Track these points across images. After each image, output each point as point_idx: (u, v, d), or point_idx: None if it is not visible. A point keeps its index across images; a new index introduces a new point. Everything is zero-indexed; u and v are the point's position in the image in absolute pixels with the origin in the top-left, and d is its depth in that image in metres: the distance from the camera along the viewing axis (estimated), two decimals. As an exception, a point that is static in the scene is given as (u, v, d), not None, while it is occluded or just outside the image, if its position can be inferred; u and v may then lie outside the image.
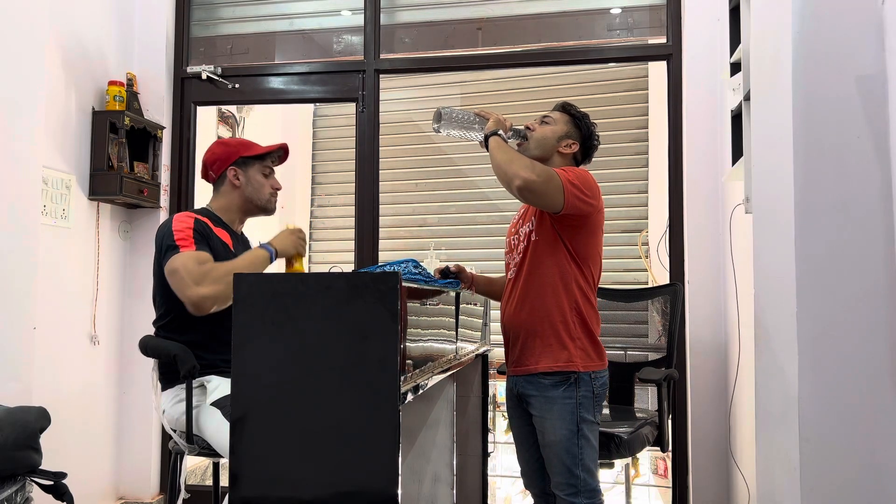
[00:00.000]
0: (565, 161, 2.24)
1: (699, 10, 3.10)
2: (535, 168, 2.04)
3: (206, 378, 2.08)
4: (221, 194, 2.28)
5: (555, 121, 2.25)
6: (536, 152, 2.22)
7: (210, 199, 2.30)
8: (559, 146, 2.23)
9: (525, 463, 2.28)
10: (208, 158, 2.28)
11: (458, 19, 3.54)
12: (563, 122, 2.26)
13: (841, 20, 1.52)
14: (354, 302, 1.37)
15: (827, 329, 1.51)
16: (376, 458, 1.34)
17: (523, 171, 2.01)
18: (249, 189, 2.26)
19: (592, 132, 2.30)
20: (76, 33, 3.15)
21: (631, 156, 4.57)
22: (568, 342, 2.10)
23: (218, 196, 2.28)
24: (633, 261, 4.43)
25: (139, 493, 3.38)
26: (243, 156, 2.26)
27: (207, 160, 2.28)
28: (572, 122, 2.26)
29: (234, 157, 2.25)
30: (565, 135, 2.24)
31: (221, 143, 2.34)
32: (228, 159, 2.25)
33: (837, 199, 1.51)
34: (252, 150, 2.27)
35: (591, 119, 2.31)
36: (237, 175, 2.25)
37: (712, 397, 2.99)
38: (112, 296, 3.36)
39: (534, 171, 2.02)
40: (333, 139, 5.31)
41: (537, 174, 2.01)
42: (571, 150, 2.25)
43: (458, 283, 2.24)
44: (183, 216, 2.13)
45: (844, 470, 1.48)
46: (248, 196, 2.26)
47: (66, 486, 1.64)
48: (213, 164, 2.27)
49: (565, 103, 2.32)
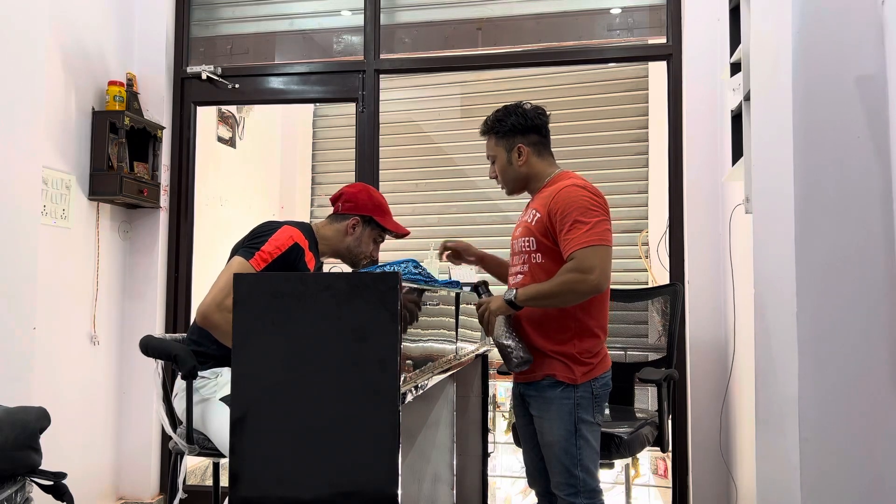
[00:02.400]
0: (532, 165, 2.18)
1: (699, 10, 3.10)
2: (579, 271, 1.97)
3: (219, 370, 2.09)
4: (333, 228, 2.34)
5: (493, 153, 2.21)
6: (512, 187, 2.23)
7: (323, 222, 2.37)
8: (517, 165, 2.18)
9: (529, 462, 2.29)
10: (349, 194, 2.34)
11: (458, 19, 3.54)
12: (495, 145, 2.20)
13: (841, 20, 1.52)
14: (354, 302, 1.37)
15: (827, 329, 1.51)
16: (376, 458, 1.34)
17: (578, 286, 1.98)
18: (355, 244, 2.34)
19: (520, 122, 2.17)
20: (76, 33, 3.15)
21: (631, 156, 4.57)
22: (568, 359, 2.09)
23: (330, 225, 2.35)
24: (633, 261, 4.43)
25: (139, 493, 3.38)
26: (374, 218, 2.32)
27: (348, 195, 2.34)
28: (499, 136, 2.19)
29: (366, 213, 2.32)
30: (508, 152, 2.18)
31: (368, 193, 2.37)
32: (362, 209, 2.32)
33: (837, 199, 1.51)
34: (384, 220, 2.34)
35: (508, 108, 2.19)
36: (356, 226, 2.32)
37: (712, 397, 2.99)
38: (112, 296, 3.36)
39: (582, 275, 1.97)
40: (333, 139, 5.31)
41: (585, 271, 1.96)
42: (525, 154, 2.17)
43: (458, 283, 2.25)
44: (287, 235, 2.14)
45: (844, 470, 1.48)
46: (350, 248, 2.34)
47: (66, 486, 1.64)
48: (349, 202, 2.33)
49: (483, 125, 2.24)
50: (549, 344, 2.11)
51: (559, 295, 2.02)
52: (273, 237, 2.10)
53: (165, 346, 2.08)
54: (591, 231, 1.98)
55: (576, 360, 2.09)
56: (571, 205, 2.02)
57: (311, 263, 2.22)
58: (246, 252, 2.08)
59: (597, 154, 4.59)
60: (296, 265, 2.14)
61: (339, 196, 2.37)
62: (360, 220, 2.32)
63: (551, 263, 2.09)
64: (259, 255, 2.06)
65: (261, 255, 2.06)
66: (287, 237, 2.12)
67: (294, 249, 2.12)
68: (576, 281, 1.98)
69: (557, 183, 2.12)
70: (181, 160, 3.57)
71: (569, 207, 2.02)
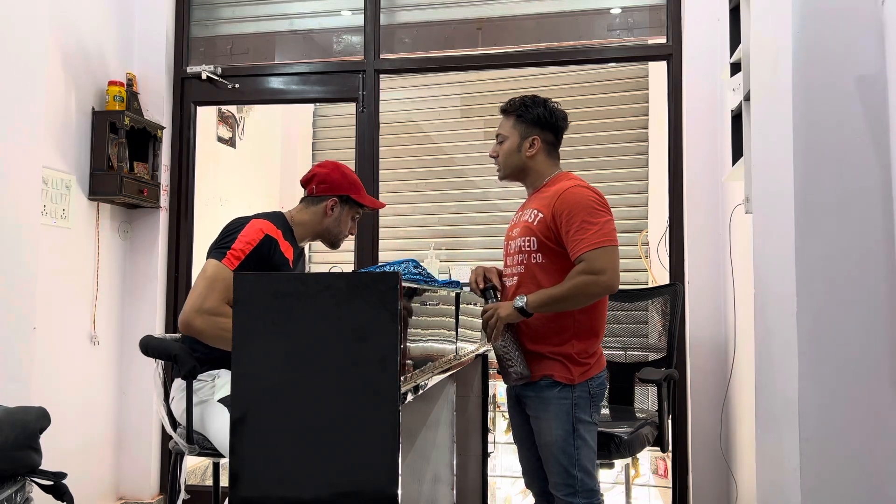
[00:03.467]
0: (539, 161, 2.18)
1: (699, 10, 3.10)
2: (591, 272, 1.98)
3: (217, 372, 2.09)
4: (310, 212, 2.30)
5: (505, 135, 2.20)
6: (508, 172, 2.22)
7: (295, 208, 2.32)
8: (525, 154, 2.18)
9: (526, 462, 2.28)
10: (321, 175, 2.29)
11: (458, 19, 3.54)
12: (511, 128, 2.19)
13: (841, 20, 1.52)
14: (354, 302, 1.37)
15: (827, 329, 1.51)
16: (376, 458, 1.34)
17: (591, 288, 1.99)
18: (335, 225, 2.31)
19: (545, 116, 2.18)
20: (76, 33, 3.15)
21: (631, 156, 4.57)
22: (566, 359, 2.09)
23: (304, 210, 2.31)
24: (633, 261, 4.43)
25: (139, 494, 3.38)
26: (351, 196, 2.29)
27: (319, 176, 2.29)
28: (520, 120, 2.18)
29: (343, 192, 2.28)
30: (521, 139, 2.17)
31: (341, 172, 2.32)
32: (338, 189, 2.28)
33: (837, 199, 1.51)
34: (360, 197, 2.31)
35: (538, 99, 2.19)
36: (334, 207, 2.28)
37: (712, 397, 2.99)
38: (112, 296, 3.36)
39: (595, 276, 1.97)
40: (333, 139, 5.31)
41: (597, 272, 1.97)
42: (536, 147, 2.17)
43: (458, 283, 2.24)
44: (257, 228, 2.12)
45: (844, 470, 1.48)
46: (329, 229, 2.31)
47: (66, 486, 1.64)
48: (323, 184, 2.28)
49: (507, 103, 2.23)
50: (548, 346, 2.11)
51: (572, 298, 2.02)
52: (242, 233, 2.08)
53: (165, 346, 2.08)
54: (600, 232, 2.00)
55: (573, 360, 2.09)
56: (578, 206, 2.03)
57: (288, 252, 2.19)
58: (217, 253, 2.06)
59: (597, 154, 4.59)
60: (272, 257, 2.12)
61: (311, 178, 2.31)
62: (337, 200, 2.28)
63: (551, 264, 2.09)
64: (231, 253, 2.04)
65: (232, 253, 2.04)
66: (257, 230, 2.10)
67: (266, 241, 2.10)
68: (589, 283, 1.99)
69: (559, 184, 2.13)
70: (181, 160, 3.57)
71: (576, 208, 2.03)
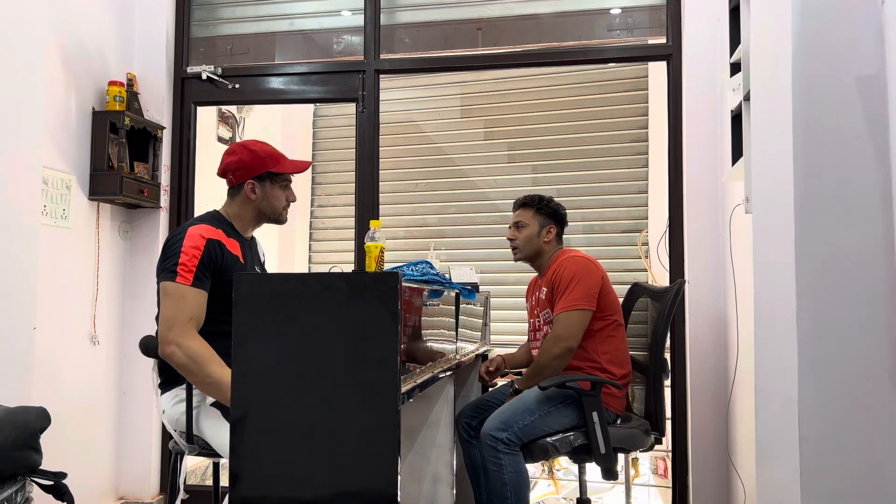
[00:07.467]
0: (553, 246, 2.65)
1: (699, 10, 3.10)
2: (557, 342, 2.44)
3: None
4: (236, 203, 2.24)
5: (526, 222, 2.64)
6: (528, 252, 2.64)
7: (225, 203, 2.26)
8: (543, 239, 2.63)
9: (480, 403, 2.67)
10: (232, 163, 2.19)
11: (458, 19, 3.54)
12: (532, 218, 2.64)
13: (841, 20, 1.52)
14: (354, 302, 1.37)
15: (827, 329, 1.50)
16: (376, 457, 1.34)
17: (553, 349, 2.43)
18: (265, 203, 2.22)
19: (556, 208, 2.67)
20: (76, 33, 3.15)
21: (631, 156, 4.56)
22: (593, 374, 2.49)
23: (232, 203, 2.24)
24: (633, 261, 4.43)
25: (139, 493, 3.38)
26: (270, 171, 2.20)
27: (231, 165, 2.20)
28: (539, 212, 2.64)
29: (260, 172, 2.19)
30: (541, 226, 2.64)
31: (249, 151, 2.21)
32: (253, 171, 2.19)
33: (837, 199, 1.51)
34: (278, 167, 2.21)
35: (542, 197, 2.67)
36: (254, 189, 2.20)
37: (712, 397, 2.99)
38: (112, 296, 3.36)
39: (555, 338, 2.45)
40: (333, 139, 5.31)
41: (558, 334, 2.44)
42: (552, 234, 2.65)
43: (476, 285, 2.50)
44: (197, 235, 2.06)
45: (844, 470, 1.48)
46: (262, 209, 2.23)
47: (66, 486, 1.64)
48: (237, 171, 2.19)
49: (524, 199, 2.68)
50: None
51: (544, 364, 2.44)
52: (184, 247, 2.02)
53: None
54: (569, 298, 2.45)
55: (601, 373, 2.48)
56: (561, 279, 2.51)
57: (235, 248, 2.15)
58: (168, 275, 2.00)
59: (597, 154, 4.59)
60: (223, 258, 2.08)
61: (224, 170, 2.22)
62: (254, 182, 2.19)
63: None
64: (181, 269, 1.99)
65: (182, 269, 1.99)
66: (197, 238, 2.05)
67: (210, 245, 2.05)
68: (551, 346, 2.44)
69: (558, 261, 2.59)
70: (181, 160, 3.57)
71: (558, 281, 2.52)
